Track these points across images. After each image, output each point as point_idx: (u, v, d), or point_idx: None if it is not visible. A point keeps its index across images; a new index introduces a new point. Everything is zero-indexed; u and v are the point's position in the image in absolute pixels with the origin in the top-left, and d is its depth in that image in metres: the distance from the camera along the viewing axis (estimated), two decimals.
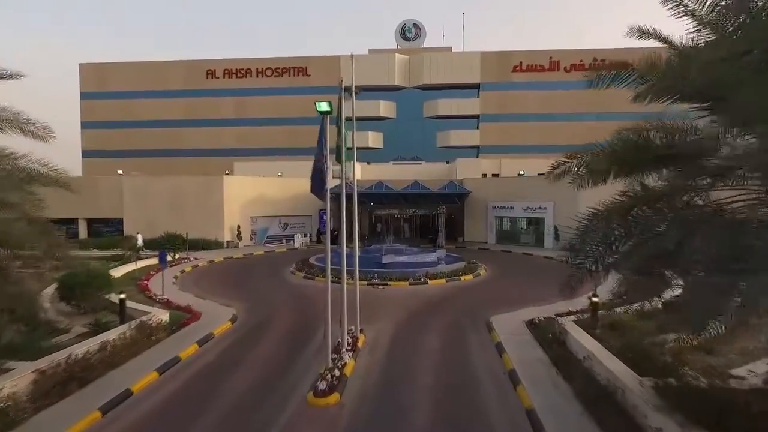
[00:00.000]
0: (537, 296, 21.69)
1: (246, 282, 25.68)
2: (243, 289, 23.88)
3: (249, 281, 25.95)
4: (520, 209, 39.31)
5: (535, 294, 22.30)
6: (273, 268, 29.44)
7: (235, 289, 23.65)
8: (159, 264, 22.10)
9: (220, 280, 26.19)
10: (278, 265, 30.29)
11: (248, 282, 25.72)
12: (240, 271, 28.91)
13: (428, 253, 29.47)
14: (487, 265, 29.81)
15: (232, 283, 25.26)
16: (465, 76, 60.15)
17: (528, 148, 57.90)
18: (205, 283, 25.27)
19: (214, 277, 26.83)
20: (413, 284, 24.38)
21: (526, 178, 40.40)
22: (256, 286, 24.73)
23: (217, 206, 37.93)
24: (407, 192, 39.19)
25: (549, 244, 37.81)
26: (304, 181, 38.87)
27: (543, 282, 25.97)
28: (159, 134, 62.84)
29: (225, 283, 25.23)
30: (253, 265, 31.09)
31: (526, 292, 22.93)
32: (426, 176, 46.44)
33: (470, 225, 42.34)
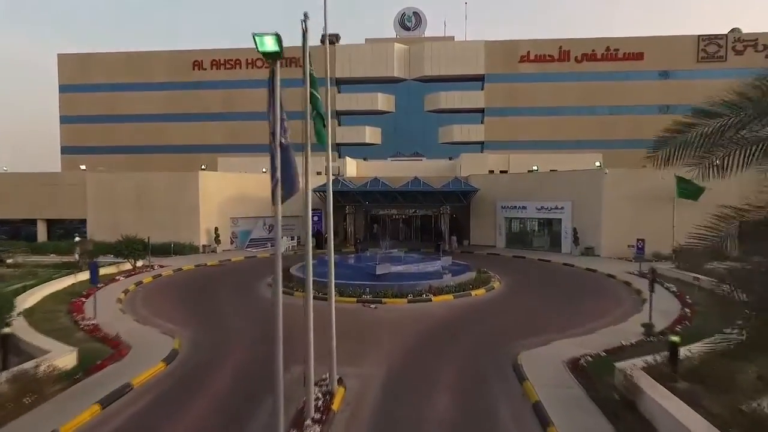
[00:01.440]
0: (571, 319, 16.78)
1: (209, 298, 20.79)
2: (202, 308, 18.99)
3: (213, 297, 21.05)
4: (533, 209, 34.42)
5: (568, 316, 17.38)
6: (248, 279, 24.56)
7: (192, 309, 18.76)
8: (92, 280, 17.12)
9: (180, 295, 21.29)
10: (255, 275, 25.40)
11: (212, 298, 20.83)
12: (208, 283, 24.01)
13: (431, 261, 24.58)
14: (500, 275, 24.93)
15: (191, 300, 20.36)
16: (468, 66, 55.26)
17: (536, 143, 53.12)
18: (159, 299, 20.37)
19: (174, 292, 21.93)
20: (413, 301, 19.47)
21: (540, 174, 35.51)
22: (219, 303, 19.82)
23: (191, 206, 33.07)
24: (406, 190, 34.30)
25: (567, 249, 32.91)
26: None
27: (572, 298, 20.95)
28: (142, 129, 57.99)
29: (183, 300, 20.33)
30: (227, 275, 26.20)
31: (555, 312, 18.00)
32: (427, 173, 41.61)
33: (476, 227, 37.46)
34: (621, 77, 53.87)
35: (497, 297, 20.73)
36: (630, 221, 30.33)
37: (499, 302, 19.82)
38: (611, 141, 53.19)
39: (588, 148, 51.58)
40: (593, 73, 54.06)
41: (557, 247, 33.63)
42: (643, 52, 53.40)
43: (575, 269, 27.58)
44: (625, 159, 47.61)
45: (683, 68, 53.27)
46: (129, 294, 21.20)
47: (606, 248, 30.80)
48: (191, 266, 28.38)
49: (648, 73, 53.62)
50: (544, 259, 30.86)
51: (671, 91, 53.20)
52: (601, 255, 30.91)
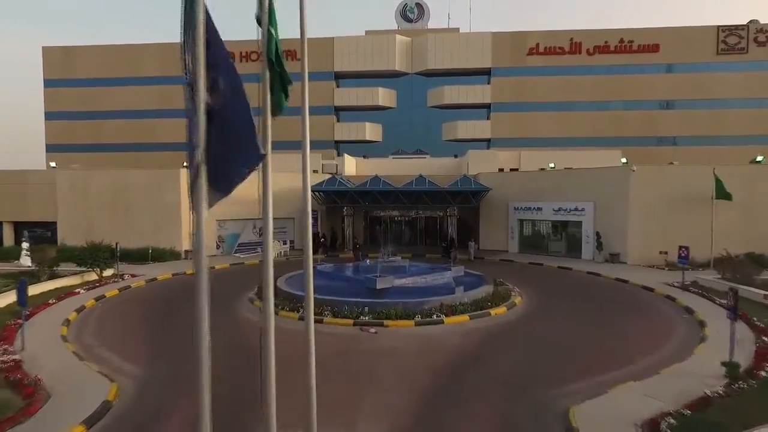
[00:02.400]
0: (618, 351, 13.21)
1: (178, 318, 17.21)
2: (165, 332, 15.43)
3: (183, 317, 17.45)
4: (550, 211, 30.84)
5: (613, 345, 13.80)
6: (229, 292, 20.99)
7: (152, 334, 15.22)
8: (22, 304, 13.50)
9: (143, 314, 17.73)
10: (239, 286, 21.85)
11: (181, 318, 17.24)
12: (181, 297, 20.41)
13: (440, 271, 21.03)
14: (519, 287, 21.37)
15: (155, 321, 16.81)
16: (474, 60, 51.76)
17: (545, 140, 49.64)
18: (116, 321, 16.81)
19: (138, 310, 18.36)
20: (422, 323, 15.89)
21: (557, 172, 31.94)
22: (188, 326, 16.24)
23: (172, 207, 29.52)
24: (410, 189, 30.71)
25: (588, 254, 29.34)
26: (285, 177, 30.41)
27: (611, 318, 16.94)
28: (132, 126, 54.57)
29: (145, 321, 16.78)
30: None
31: (596, 340, 14.42)
32: (431, 172, 38.05)
33: (486, 230, 33.89)
34: (635, 70, 50.33)
35: (521, 317, 17.12)
36: (661, 224, 26.79)
37: (525, 325, 16.22)
38: (625, 138, 49.69)
39: (600, 145, 48.10)
40: (606, 67, 50.54)
41: (576, 252, 30.05)
42: (659, 43, 49.86)
43: (602, 280, 24.01)
44: (640, 156, 44.11)
45: (701, 61, 49.70)
46: (83, 313, 17.61)
47: (633, 255, 27.24)
48: (168, 275, 24.82)
49: (664, 66, 50.06)
50: (564, 266, 27.27)
51: (689, 84, 49.67)
52: (628, 262, 27.34)
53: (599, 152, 41.19)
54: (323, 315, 16.42)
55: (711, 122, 49.57)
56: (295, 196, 33.34)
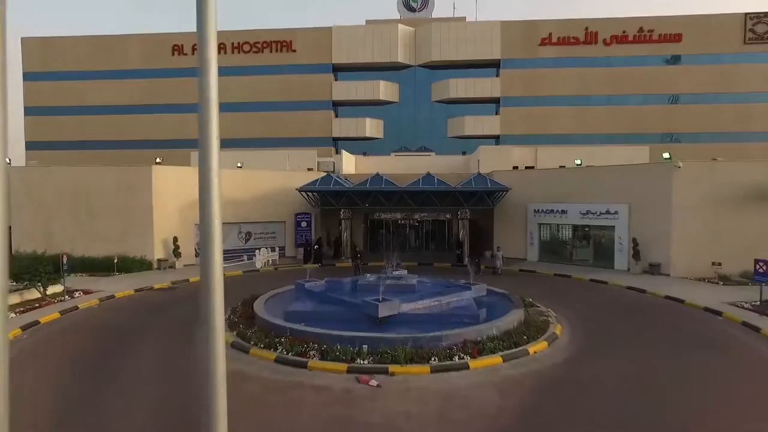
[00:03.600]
0: (722, 416, 8.87)
1: (120, 357, 12.88)
2: (95, 382, 11.10)
3: (128, 354, 13.13)
4: (576, 214, 26.51)
5: (713, 406, 9.43)
6: (194, 317, 16.60)
7: (75, 388, 10.88)
8: None
9: (77, 351, 13.36)
10: None
11: (124, 356, 12.92)
12: (136, 323, 16.09)
13: (457, 290, 16.66)
14: (553, 307, 17.08)
15: (88, 364, 12.45)
16: (482, 51, 47.42)
17: (559, 137, 45.27)
18: (35, 366, 12.38)
19: (72, 344, 13.98)
20: (440, 369, 11.57)
21: (584, 170, 27.57)
22: (140, 379, 11.91)
23: (143, 209, 25.20)
24: (417, 189, 26.34)
25: (621, 264, 25.02)
26: (275, 175, 26.13)
27: (688, 359, 12.31)
28: (116, 122, 50.24)
29: (74, 363, 12.41)
30: (172, 306, 18.27)
31: (681, 397, 10.03)
32: (438, 170, 33.72)
33: (502, 235, 29.53)
34: (656, 62, 45.98)
35: (570, 358, 12.75)
36: (710, 230, 22.48)
37: (578, 371, 11.85)
38: (644, 135, 45.35)
39: (617, 142, 43.77)
40: (624, 58, 46.20)
41: (607, 261, 25.72)
42: (681, 33, 45.50)
43: (649, 297, 19.64)
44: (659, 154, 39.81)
45: (727, 51, 45.35)
46: None
47: (677, 265, 22.92)
48: (130, 291, 20.47)
49: (687, 57, 45.70)
50: (597, 279, 22.91)
51: (713, 77, 45.31)
52: (671, 274, 23.03)
53: (624, 149, 36.85)
54: (307, 356, 12.13)
55: (737, 118, 45.21)
56: (285, 196, 29.06)
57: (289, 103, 48.81)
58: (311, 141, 47.28)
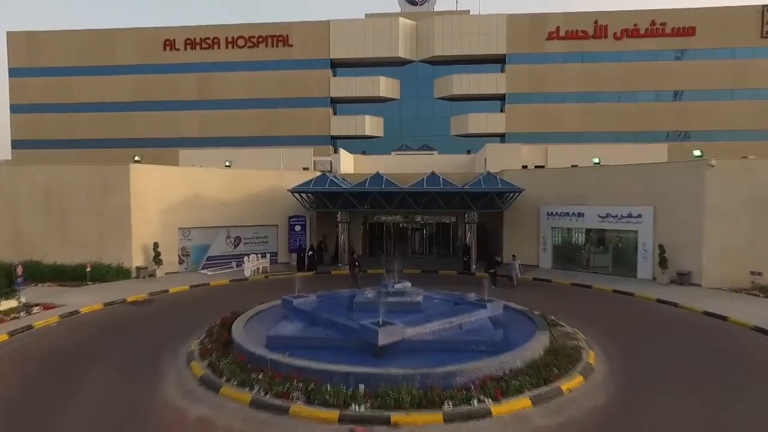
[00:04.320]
0: None
1: (46, 408, 10.40)
2: None
3: (55, 404, 10.63)
4: (594, 217, 24.00)
5: None
6: (165, 336, 14.16)
7: None
8: None
9: (14, 394, 10.90)
10: (183, 326, 15.08)
11: (50, 409, 10.44)
12: (90, 352, 13.51)
13: (470, 308, 14.12)
14: (580, 326, 14.62)
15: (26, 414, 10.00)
16: (487, 45, 44.97)
17: (566, 136, 42.83)
18: None
19: (9, 382, 11.53)
20: (456, 417, 9.08)
21: (605, 170, 25.05)
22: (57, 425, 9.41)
23: (120, 212, 22.69)
24: (421, 190, 23.80)
25: (645, 273, 22.51)
26: (266, 175, 23.57)
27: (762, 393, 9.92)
28: (105, 120, 47.82)
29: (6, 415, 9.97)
30: (143, 324, 15.74)
31: None
32: (441, 170, 31.27)
33: (511, 239, 27.03)
34: (669, 57, 43.51)
35: (613, 396, 10.23)
36: (748, 236, 20.01)
37: (629, 416, 9.34)
38: (656, 132, 42.99)
39: (627, 141, 41.34)
40: (635, 52, 43.75)
41: (629, 269, 23.23)
42: (695, 26, 43.04)
43: (685, 314, 17.11)
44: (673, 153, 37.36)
45: (743, 45, 42.88)
46: None
47: (710, 275, 20.43)
48: (99, 305, 17.96)
49: (701, 51, 43.22)
50: (621, 290, 20.37)
51: (729, 72, 42.85)
52: (702, 284, 20.54)
53: (641, 147, 34.38)
54: (290, 398, 9.65)
55: (754, 115, 42.76)
56: (278, 197, 26.55)
57: (285, 100, 46.35)
58: (309, 139, 44.81)
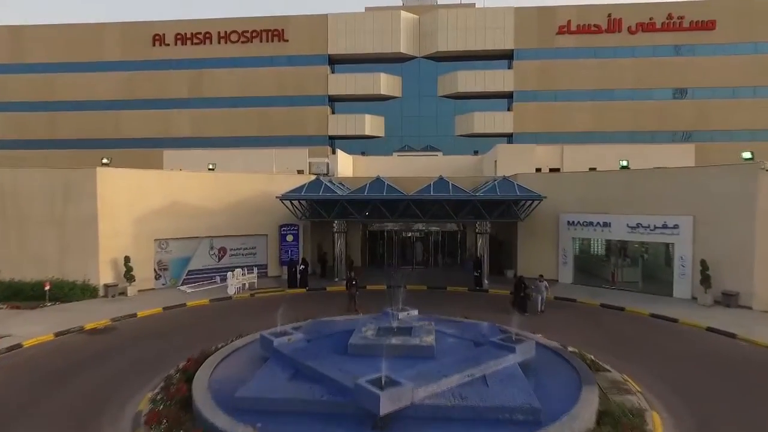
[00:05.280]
0: None
1: None
2: None
3: None
4: (623, 228, 20.96)
5: None
6: (113, 390, 11.14)
7: None
8: None
9: None
10: (145, 370, 12.11)
11: None
12: (8, 413, 10.56)
13: (493, 352, 11.05)
14: (628, 369, 11.64)
15: None
16: (494, 40, 41.89)
17: (578, 135, 39.83)
18: None
19: None
20: None
21: (635, 174, 22.04)
22: None
23: (85, 222, 19.68)
24: (428, 197, 20.75)
25: (683, 291, 19.48)
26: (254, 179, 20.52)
27: None
28: (92, 119, 44.74)
29: None
30: (89, 370, 12.66)
31: None
32: (447, 172, 28.34)
33: (527, 251, 24.02)
34: (687, 52, 40.43)
35: None
36: None
37: None
38: (673, 132, 40.01)
39: (643, 141, 38.41)
40: (651, 47, 40.66)
41: (662, 287, 20.24)
42: (715, 19, 39.93)
43: (748, 349, 14.01)
44: (701, 155, 34.40)
45: (766, 39, 39.83)
46: None
47: (764, 296, 17.44)
48: (49, 336, 14.95)
49: (721, 47, 40.17)
50: (661, 315, 17.31)
51: (752, 68, 39.76)
52: (753, 307, 17.53)
53: (666, 149, 31.38)
54: None
55: None
56: (267, 204, 23.45)
57: (281, 98, 43.29)
58: (305, 140, 41.81)
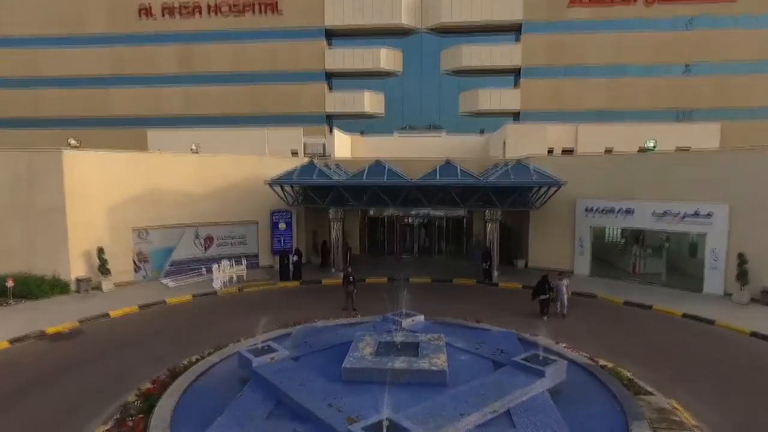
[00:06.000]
0: None
1: None
2: None
3: None
4: (648, 215, 18.87)
5: None
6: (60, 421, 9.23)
7: None
8: None
9: None
10: (103, 391, 10.22)
11: None
12: None
13: (518, 378, 9.08)
14: (671, 390, 9.75)
15: None
16: (500, 12, 38.96)
17: (590, 114, 37.40)
18: None
19: None
20: None
21: (663, 157, 19.86)
22: None
23: (52, 210, 17.58)
24: (433, 183, 18.58)
25: (715, 287, 17.51)
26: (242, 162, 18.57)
27: None
28: (75, 96, 42.20)
29: None
30: (33, 391, 10.66)
31: None
32: (452, 153, 26.17)
33: (539, 238, 21.98)
34: (708, 23, 37.68)
35: None
36: None
37: None
38: (692, 110, 37.57)
39: (659, 119, 36.00)
40: (670, 20, 37.86)
41: (690, 281, 18.28)
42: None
43: None
44: (727, 134, 32.10)
45: None
46: None
47: None
48: (3, 344, 13.02)
49: (746, 18, 37.41)
50: (695, 315, 15.33)
51: None
52: None
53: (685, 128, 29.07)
54: None
55: None
56: (258, 188, 21.17)
57: (275, 74, 40.67)
58: (301, 118, 39.30)
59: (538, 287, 15.08)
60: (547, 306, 14.89)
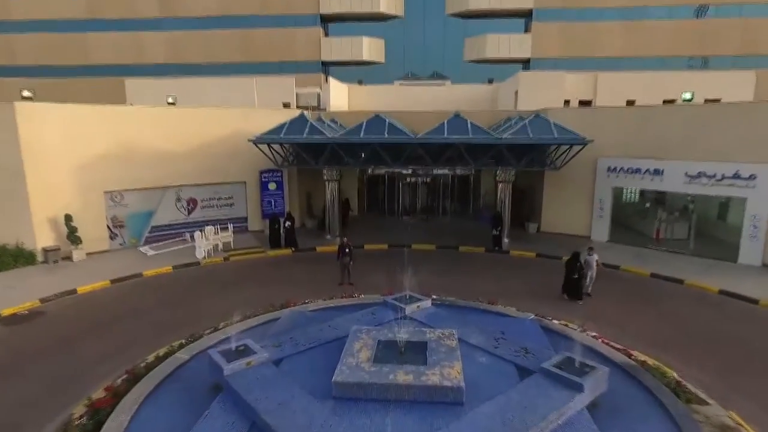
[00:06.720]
0: None
1: None
2: None
3: None
4: (680, 176, 16.74)
5: None
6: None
7: None
8: None
9: None
10: (57, 391, 8.54)
11: None
12: None
13: (550, 393, 7.32)
14: (734, 401, 8.05)
15: None
16: None
17: (606, 61, 34.42)
18: None
19: None
20: None
21: (696, 110, 17.47)
22: None
23: (8, 172, 15.43)
24: (440, 140, 16.28)
25: (752, 257, 15.64)
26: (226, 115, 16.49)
27: None
28: (51, 42, 38.87)
29: None
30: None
31: None
32: (458, 105, 23.68)
33: (554, 200, 19.95)
34: None
35: None
36: None
37: None
38: (715, 57, 34.54)
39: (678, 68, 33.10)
40: None
41: (721, 249, 16.45)
42: None
43: None
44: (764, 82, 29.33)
45: None
46: None
47: None
48: None
49: None
50: (734, 293, 13.58)
51: None
52: None
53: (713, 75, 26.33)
54: None
55: None
56: (245, 145, 18.88)
57: (266, 18, 37.17)
58: (295, 66, 36.32)
59: (569, 267, 12.86)
60: (579, 288, 12.78)
